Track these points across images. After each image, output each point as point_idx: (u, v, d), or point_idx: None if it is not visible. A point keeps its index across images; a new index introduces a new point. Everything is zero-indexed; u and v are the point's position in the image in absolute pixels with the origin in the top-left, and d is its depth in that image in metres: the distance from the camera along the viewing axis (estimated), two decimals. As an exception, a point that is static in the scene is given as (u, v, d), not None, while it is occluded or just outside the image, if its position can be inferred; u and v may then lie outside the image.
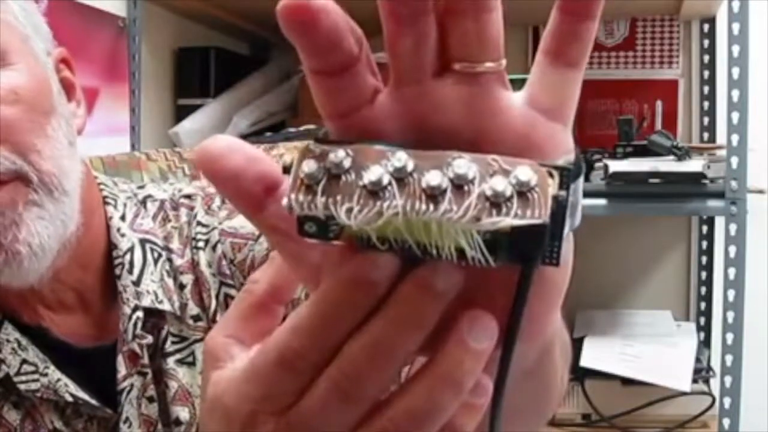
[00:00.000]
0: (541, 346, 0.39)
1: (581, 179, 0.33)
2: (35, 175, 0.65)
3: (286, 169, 0.31)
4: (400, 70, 0.32)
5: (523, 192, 0.30)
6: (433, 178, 0.30)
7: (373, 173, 0.30)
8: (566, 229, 0.31)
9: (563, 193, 0.30)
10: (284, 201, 0.31)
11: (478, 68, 0.31)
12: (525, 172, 0.30)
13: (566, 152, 0.32)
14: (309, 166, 0.31)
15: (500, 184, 0.30)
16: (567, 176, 0.30)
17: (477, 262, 0.31)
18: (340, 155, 0.31)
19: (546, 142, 0.32)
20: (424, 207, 0.30)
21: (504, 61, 0.32)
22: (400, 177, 0.30)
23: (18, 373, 0.71)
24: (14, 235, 0.64)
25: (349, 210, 0.30)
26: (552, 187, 0.30)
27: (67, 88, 0.73)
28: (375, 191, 0.30)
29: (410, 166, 0.30)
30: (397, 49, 0.31)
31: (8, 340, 0.72)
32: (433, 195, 0.30)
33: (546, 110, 0.32)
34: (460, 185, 0.30)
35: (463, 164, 0.30)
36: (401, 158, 0.30)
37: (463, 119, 0.32)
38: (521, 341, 0.33)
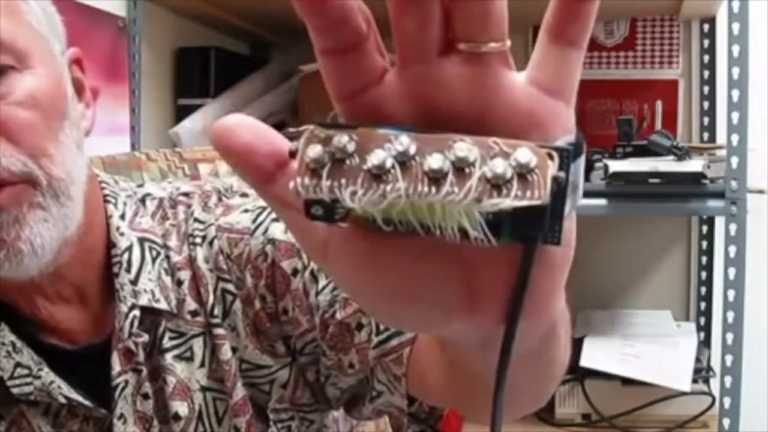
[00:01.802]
0: (546, 326, 0.40)
1: (583, 158, 0.33)
2: (45, 179, 0.66)
3: (292, 154, 0.32)
4: (405, 50, 0.32)
5: (523, 174, 0.30)
6: (435, 161, 0.30)
7: (377, 157, 0.31)
8: (567, 209, 0.32)
9: (562, 174, 0.31)
10: (291, 185, 0.31)
11: (483, 48, 0.32)
12: (525, 154, 0.30)
13: (568, 130, 0.33)
14: (314, 150, 0.31)
15: (500, 167, 0.30)
16: (567, 157, 0.31)
17: (480, 242, 0.31)
18: (344, 140, 0.31)
19: (549, 120, 0.33)
20: (426, 189, 0.30)
21: (508, 42, 0.32)
22: (403, 160, 0.31)
23: (12, 377, 0.72)
24: (17, 233, 0.64)
25: (354, 193, 0.31)
26: (551, 168, 0.30)
27: (78, 89, 0.74)
28: (378, 175, 0.31)
29: (413, 150, 0.31)
30: (402, 29, 0.31)
31: (3, 343, 0.72)
32: (435, 178, 0.30)
33: (548, 88, 0.33)
34: (461, 168, 0.30)
35: (464, 147, 0.31)
36: (404, 142, 0.31)
37: (467, 98, 0.32)
38: (525, 318, 0.34)
